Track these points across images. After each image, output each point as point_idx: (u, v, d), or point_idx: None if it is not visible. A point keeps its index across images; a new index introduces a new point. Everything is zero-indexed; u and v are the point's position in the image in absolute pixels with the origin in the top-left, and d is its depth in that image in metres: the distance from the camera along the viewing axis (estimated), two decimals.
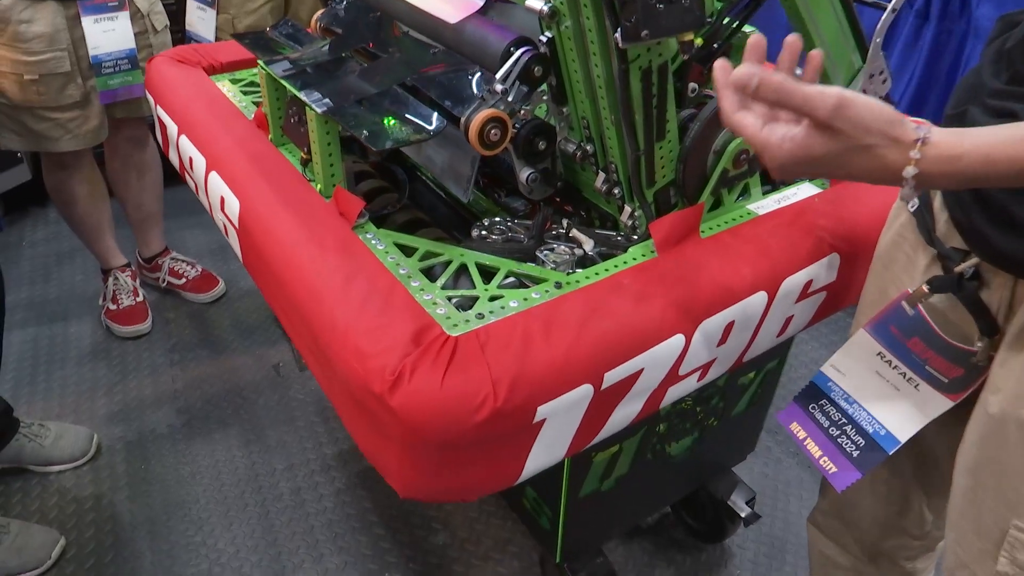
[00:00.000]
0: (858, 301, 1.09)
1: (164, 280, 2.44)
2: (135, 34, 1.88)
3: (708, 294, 1.00)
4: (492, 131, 1.04)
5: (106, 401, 2.13)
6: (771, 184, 1.25)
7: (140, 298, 2.36)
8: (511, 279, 1.03)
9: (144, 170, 2.25)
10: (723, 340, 1.04)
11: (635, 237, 1.14)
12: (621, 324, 0.93)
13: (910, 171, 0.68)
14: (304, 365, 2.26)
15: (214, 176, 1.23)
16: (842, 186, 1.23)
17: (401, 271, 1.01)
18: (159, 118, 1.47)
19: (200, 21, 2.32)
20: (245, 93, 1.49)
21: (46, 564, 1.68)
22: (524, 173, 1.16)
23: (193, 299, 2.45)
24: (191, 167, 1.32)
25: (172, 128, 1.39)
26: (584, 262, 1.11)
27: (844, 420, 1.03)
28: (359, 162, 1.45)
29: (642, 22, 0.88)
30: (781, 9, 1.17)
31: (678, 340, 0.97)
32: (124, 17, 1.81)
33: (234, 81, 1.54)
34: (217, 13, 2.29)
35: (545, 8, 1.00)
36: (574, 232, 1.16)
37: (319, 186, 1.18)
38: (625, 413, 1.00)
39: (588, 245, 1.13)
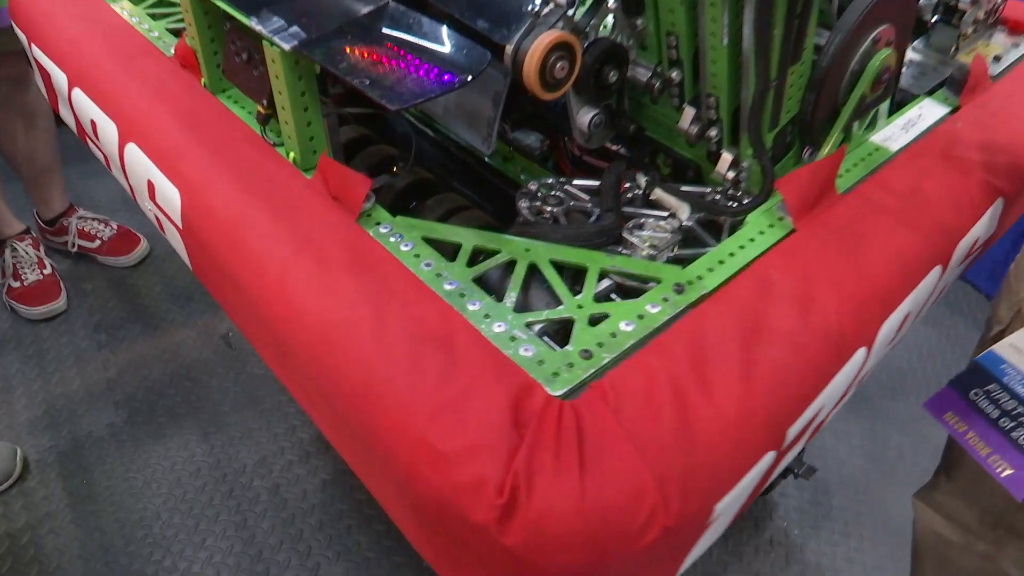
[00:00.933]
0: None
1: (74, 244, 1.97)
2: None
3: (884, 284, 0.69)
4: (558, 64, 0.68)
5: (26, 403, 1.71)
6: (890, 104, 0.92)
7: (48, 270, 1.89)
8: (607, 283, 0.69)
9: (31, 115, 1.75)
10: (893, 339, 0.74)
11: (738, 193, 0.81)
12: (795, 350, 0.61)
13: None
14: None
15: (134, 151, 0.82)
16: (980, 103, 0.91)
17: (447, 287, 0.66)
18: (37, 62, 1.02)
19: None
20: (155, 17, 1.04)
21: None
22: (586, 116, 0.80)
23: (112, 263, 2.00)
24: (96, 135, 0.90)
25: (59, 77, 0.95)
26: (686, 240, 0.78)
27: (1022, 409, 0.76)
28: (325, 102, 1.04)
29: None
30: None
31: (859, 356, 0.66)
32: None
33: (136, 0, 1.09)
34: None
35: None
36: (658, 194, 0.81)
37: (292, 155, 0.79)
38: (788, 460, 0.71)
39: (684, 212, 0.79)
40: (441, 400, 0.55)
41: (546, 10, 0.68)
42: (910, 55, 1.02)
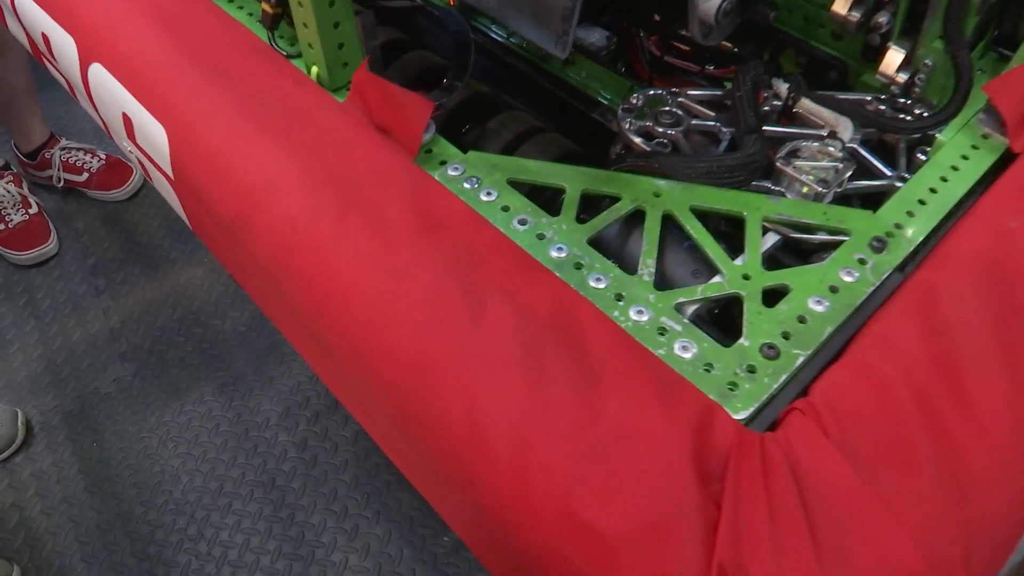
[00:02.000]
0: None
1: (59, 179, 1.74)
2: None
3: None
4: None
5: (23, 360, 1.52)
6: None
7: (34, 209, 1.67)
8: (774, 240, 0.49)
9: (1, 37, 1.49)
10: None
11: (908, 102, 0.59)
12: None
13: None
14: None
15: (100, 74, 0.59)
16: None
17: (555, 254, 0.45)
18: None
19: None
20: None
21: None
22: (715, 1, 0.57)
23: (103, 198, 1.77)
24: (51, 53, 0.67)
25: None
26: (850, 171, 0.57)
27: None
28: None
29: None
30: None
31: None
32: None
33: None
34: None
35: None
36: (805, 105, 0.59)
37: (315, 70, 0.57)
38: None
39: (846, 130, 0.57)
40: (587, 444, 0.35)
41: None
42: None
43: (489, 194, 0.49)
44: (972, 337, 0.40)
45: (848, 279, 0.44)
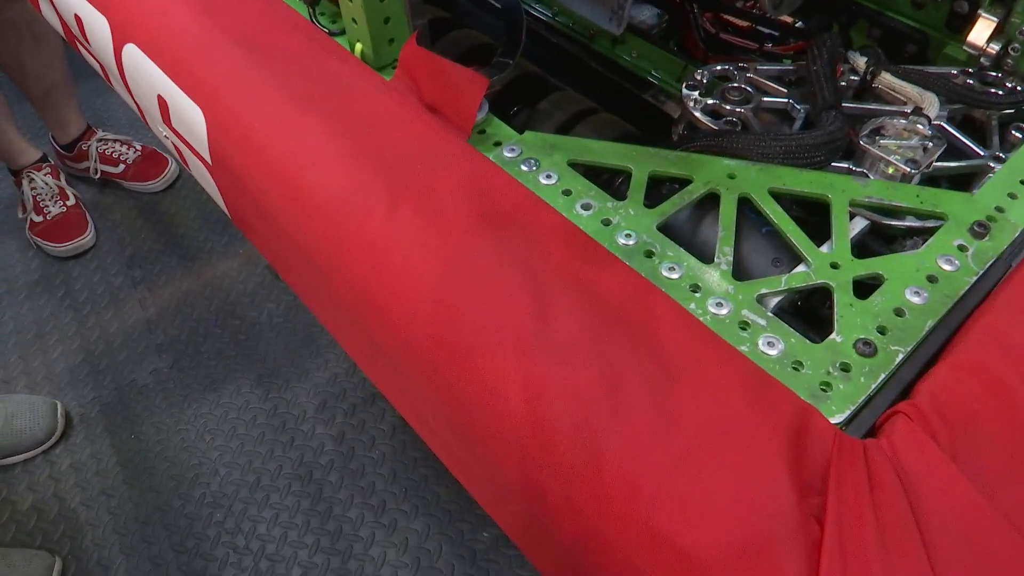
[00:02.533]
0: None
1: (96, 170, 1.74)
2: None
3: None
4: None
5: (62, 351, 1.52)
6: None
7: (71, 201, 1.67)
8: (860, 222, 0.44)
9: (35, 27, 1.48)
10: None
11: (999, 76, 0.54)
12: None
13: None
14: None
15: (134, 55, 0.56)
16: None
17: (622, 240, 0.42)
18: None
19: None
20: None
21: None
22: None
23: (140, 189, 1.76)
24: (84, 36, 0.65)
25: None
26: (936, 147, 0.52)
27: None
28: None
29: None
30: None
31: None
32: None
33: None
34: None
35: None
36: (887, 80, 0.55)
37: (359, 47, 0.54)
38: None
39: (932, 106, 0.52)
40: (669, 452, 0.31)
41: None
42: None
43: (549, 177, 0.45)
44: None
45: (948, 268, 0.40)
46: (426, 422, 0.43)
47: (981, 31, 0.54)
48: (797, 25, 0.67)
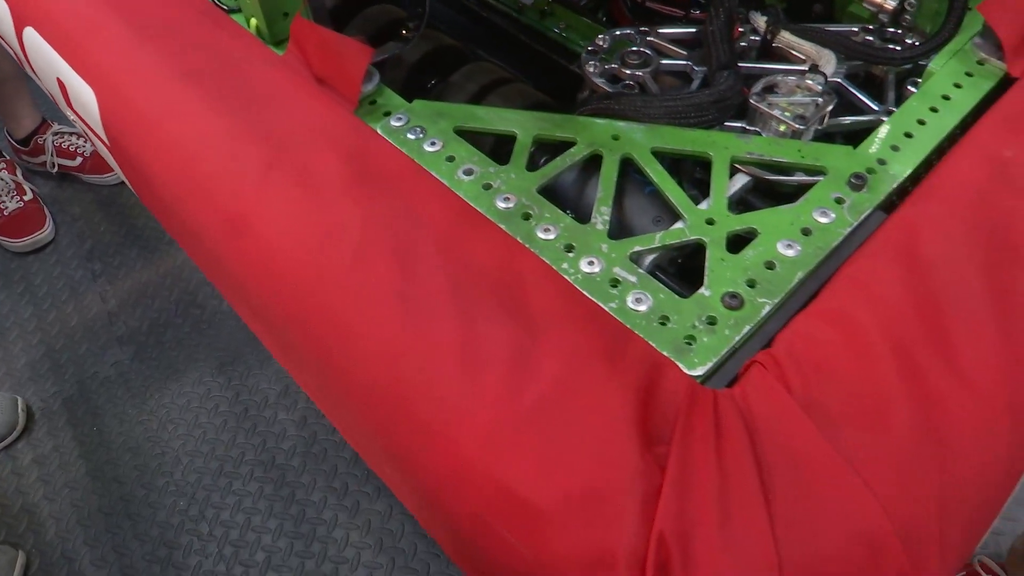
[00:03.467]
0: None
1: (53, 164, 1.72)
2: None
3: None
4: None
5: (22, 346, 1.51)
6: None
7: (28, 196, 1.65)
8: (742, 179, 0.44)
9: None
10: None
11: (898, 32, 0.54)
12: None
13: None
14: None
15: (34, 38, 0.55)
16: None
17: (502, 204, 0.42)
18: None
19: None
20: None
21: None
22: None
23: (99, 182, 1.75)
24: None
25: None
26: (833, 106, 0.52)
27: None
28: None
29: None
30: None
31: None
32: None
33: None
34: None
35: None
36: (786, 39, 0.55)
37: (253, 22, 0.53)
38: None
39: (829, 63, 0.52)
40: (521, 407, 0.32)
41: None
42: None
43: (433, 144, 0.45)
44: (958, 279, 0.36)
45: (823, 220, 0.40)
46: (310, 386, 0.43)
47: None
48: None
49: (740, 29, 0.55)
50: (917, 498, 0.30)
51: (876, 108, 0.50)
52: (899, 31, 0.55)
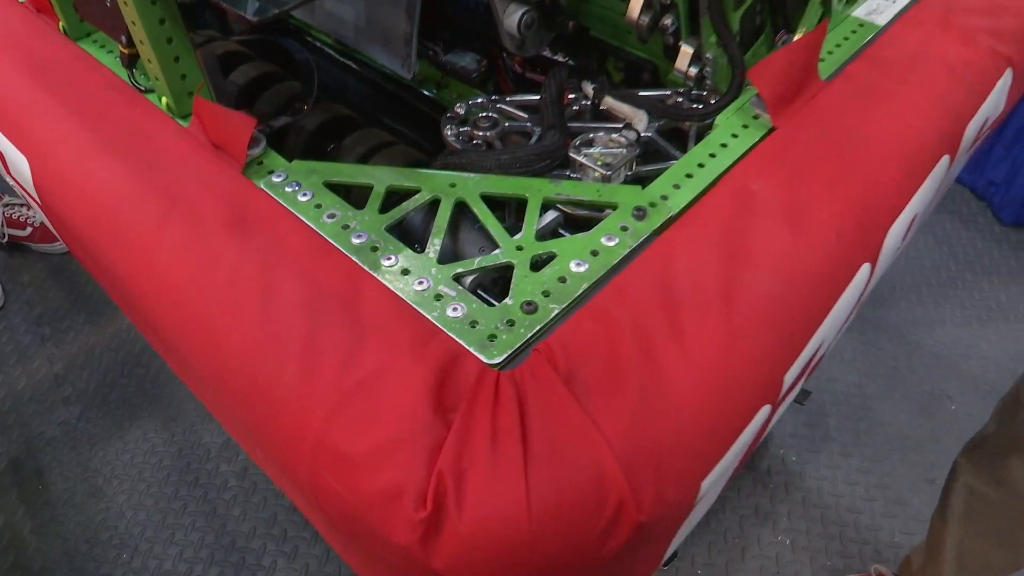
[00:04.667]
0: None
1: (3, 234, 1.81)
2: None
3: (887, 181, 0.56)
4: None
5: None
6: None
7: None
8: (551, 214, 0.56)
9: None
10: (898, 249, 0.61)
11: (704, 94, 0.67)
12: (786, 276, 0.48)
13: None
14: None
15: None
16: None
17: (356, 240, 0.52)
18: None
19: None
20: None
21: None
22: (513, 15, 0.65)
23: (48, 250, 1.84)
24: None
25: None
26: (643, 155, 0.65)
27: None
28: (219, 39, 0.89)
29: None
30: None
31: (863, 274, 0.53)
32: None
33: None
34: None
35: None
36: (609, 103, 0.67)
37: (164, 100, 0.64)
38: (780, 415, 0.58)
39: (641, 122, 0.65)
40: (345, 387, 0.42)
41: None
42: None
43: (305, 195, 0.56)
44: (697, 280, 0.47)
45: (609, 244, 0.52)
46: (193, 381, 0.53)
47: (683, 58, 0.67)
48: (570, 62, 0.80)
49: (571, 96, 0.67)
50: (639, 442, 0.40)
51: (678, 156, 0.62)
52: (704, 93, 0.67)
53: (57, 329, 1.71)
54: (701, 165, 0.58)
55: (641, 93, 0.67)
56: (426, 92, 0.93)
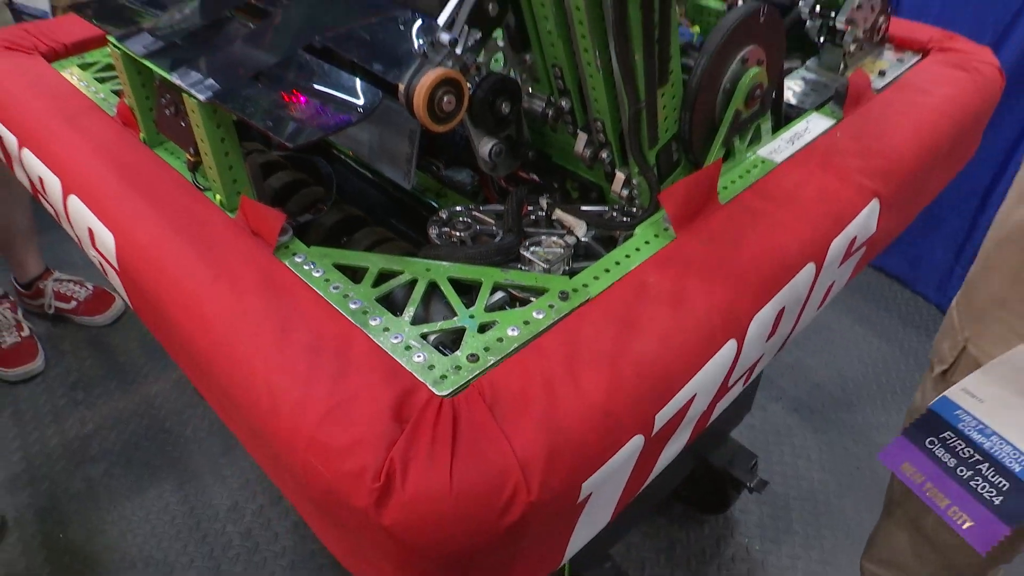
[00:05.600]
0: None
1: (50, 306, 2.04)
2: None
3: (754, 281, 0.75)
4: (445, 98, 0.74)
5: (3, 463, 1.75)
6: (776, 121, 0.99)
7: (26, 332, 1.96)
8: (500, 295, 0.76)
9: (6, 182, 1.84)
10: (772, 332, 0.80)
11: (634, 209, 0.88)
12: (664, 343, 0.67)
13: None
14: None
15: (75, 202, 0.89)
16: (860, 114, 0.98)
17: (352, 306, 0.72)
18: None
19: None
20: (101, 80, 1.13)
21: None
22: (485, 146, 0.87)
23: (88, 323, 2.07)
24: (44, 190, 0.97)
25: (10, 140, 1.03)
26: (581, 254, 0.85)
27: (979, 458, 0.78)
28: (263, 151, 1.12)
29: None
30: None
31: (730, 348, 0.72)
32: None
33: (84, 67, 1.17)
34: None
35: None
36: (558, 214, 0.88)
37: (218, 198, 0.86)
38: (674, 449, 0.75)
39: (580, 230, 0.86)
40: (332, 402, 0.60)
41: (433, 51, 0.76)
42: (804, 74, 1.10)
43: (318, 272, 0.76)
44: (595, 346, 0.66)
45: (538, 316, 0.71)
46: (219, 404, 0.72)
47: (617, 182, 0.88)
48: (535, 179, 1.01)
49: (530, 207, 0.88)
50: (535, 449, 0.58)
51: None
52: (633, 208, 0.88)
53: (90, 394, 1.90)
54: (617, 263, 0.77)
55: (584, 208, 0.88)
56: (428, 200, 1.15)
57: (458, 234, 0.86)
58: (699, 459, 1.50)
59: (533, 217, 0.89)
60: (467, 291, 0.76)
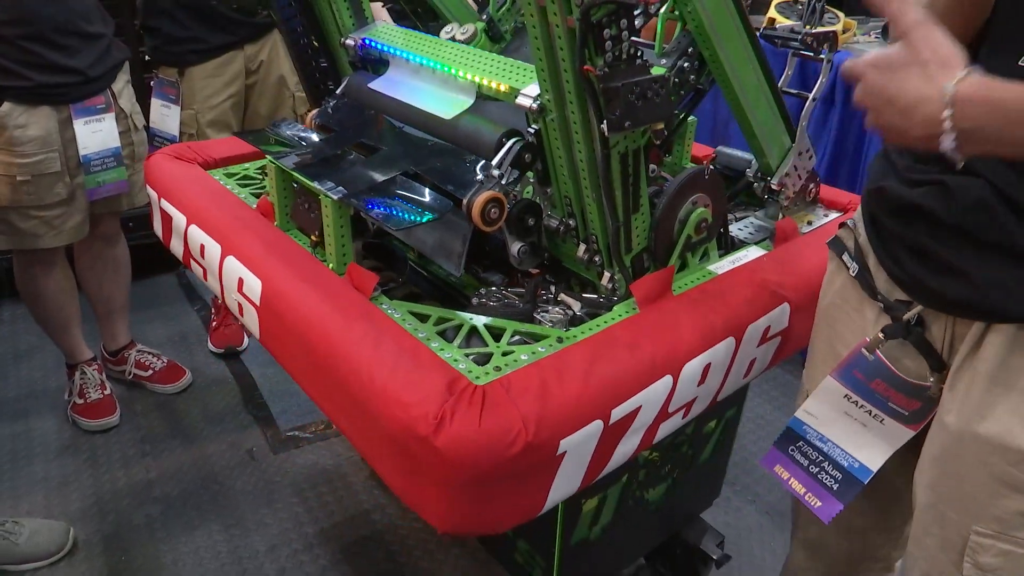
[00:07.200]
0: (806, 351, 1.29)
1: (130, 372, 2.49)
2: (119, 133, 2.01)
3: (687, 341, 1.18)
4: (492, 210, 1.22)
5: (78, 496, 2.14)
6: (724, 248, 1.45)
7: (108, 391, 2.40)
8: (517, 337, 1.19)
9: (118, 266, 2.34)
10: (702, 380, 1.22)
11: (615, 298, 1.32)
12: (620, 369, 1.10)
13: (949, 88, 0.73)
14: (279, 446, 2.33)
15: (231, 261, 1.36)
16: (784, 248, 1.44)
17: (420, 334, 1.16)
18: (163, 211, 1.59)
19: (164, 118, 2.45)
20: (242, 185, 1.63)
21: None
22: (516, 246, 1.33)
23: (160, 390, 2.51)
24: (202, 255, 1.45)
25: (179, 219, 1.52)
26: (575, 321, 1.28)
27: (821, 458, 1.18)
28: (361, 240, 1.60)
29: (625, 115, 1.09)
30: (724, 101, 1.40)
31: (667, 381, 1.14)
32: (110, 118, 1.95)
33: (229, 175, 1.69)
34: (181, 109, 2.44)
35: (535, 104, 1.20)
36: (562, 296, 1.33)
37: (331, 265, 1.33)
38: (628, 447, 1.16)
39: (577, 307, 1.30)
40: (409, 378, 1.04)
41: (487, 180, 1.23)
42: (752, 220, 1.57)
43: (399, 314, 1.21)
44: (575, 365, 1.08)
45: (541, 350, 1.14)
46: (327, 394, 1.14)
47: (605, 278, 1.33)
48: (547, 278, 1.46)
49: (542, 291, 1.33)
50: (531, 412, 1.00)
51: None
52: (615, 296, 1.32)
53: (156, 447, 2.31)
54: (599, 326, 1.21)
55: (586, 295, 1.33)
56: (467, 293, 1.61)
57: (492, 303, 1.31)
58: (674, 535, 1.85)
59: (545, 297, 1.34)
60: (498, 336, 1.19)
